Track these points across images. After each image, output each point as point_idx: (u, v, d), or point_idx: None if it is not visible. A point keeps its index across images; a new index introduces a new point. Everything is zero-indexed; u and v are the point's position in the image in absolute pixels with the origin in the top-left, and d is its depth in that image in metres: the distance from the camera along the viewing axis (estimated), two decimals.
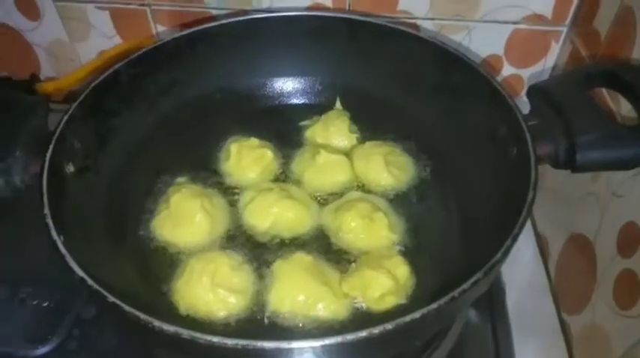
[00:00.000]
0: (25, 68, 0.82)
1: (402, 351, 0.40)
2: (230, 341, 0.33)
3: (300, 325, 0.46)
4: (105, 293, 0.36)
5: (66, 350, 0.53)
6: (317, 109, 0.64)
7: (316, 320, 0.46)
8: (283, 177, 0.59)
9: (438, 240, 0.53)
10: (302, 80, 0.66)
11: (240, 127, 0.62)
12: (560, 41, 0.69)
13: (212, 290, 0.47)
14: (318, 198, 0.57)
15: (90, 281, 0.37)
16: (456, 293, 0.35)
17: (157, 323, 0.34)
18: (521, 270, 0.67)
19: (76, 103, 0.51)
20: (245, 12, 0.68)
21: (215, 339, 0.33)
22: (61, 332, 0.54)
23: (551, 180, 0.70)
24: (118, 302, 0.35)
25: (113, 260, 0.49)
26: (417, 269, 0.50)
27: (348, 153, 0.59)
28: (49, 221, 0.41)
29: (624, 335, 0.53)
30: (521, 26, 0.68)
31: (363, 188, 0.58)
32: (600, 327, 0.57)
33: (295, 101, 0.66)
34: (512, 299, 0.63)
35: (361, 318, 0.46)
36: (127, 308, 0.35)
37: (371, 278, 0.47)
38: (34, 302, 0.57)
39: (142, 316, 0.34)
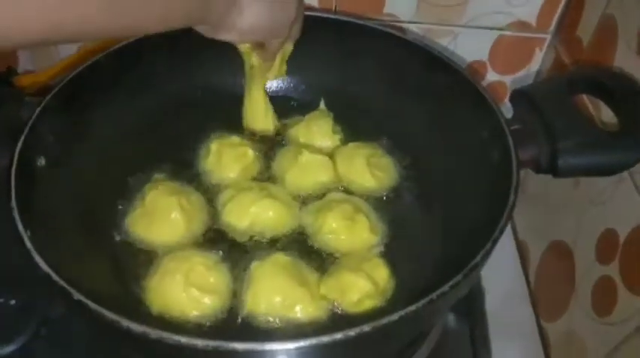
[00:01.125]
0: (1, 61, 0.80)
1: (378, 355, 0.40)
2: (200, 342, 0.32)
3: (277, 327, 0.45)
4: (70, 289, 0.34)
5: (32, 350, 0.51)
6: (300, 109, 0.63)
7: (293, 322, 0.45)
8: (264, 177, 0.58)
9: (418, 242, 0.52)
10: (286, 79, 0.65)
11: (221, 125, 0.61)
12: (544, 48, 0.70)
13: (186, 289, 0.45)
14: (299, 198, 0.56)
15: (55, 277, 0.35)
16: (434, 295, 0.35)
17: (124, 322, 0.33)
18: (501, 276, 0.67)
19: (51, 94, 0.50)
20: None
21: (184, 340, 0.32)
22: (27, 332, 0.52)
23: (532, 186, 0.70)
24: (84, 299, 0.34)
25: (84, 257, 0.47)
26: (397, 271, 0.49)
27: (330, 154, 0.59)
28: (16, 214, 0.39)
29: (602, 341, 0.53)
30: (506, 33, 0.69)
31: (344, 189, 0.57)
32: (578, 334, 0.57)
33: (279, 100, 0.65)
34: (491, 305, 0.63)
35: (339, 321, 0.45)
36: (92, 305, 0.33)
37: (349, 281, 0.46)
38: (0, 300, 0.55)
39: (108, 315, 0.33)
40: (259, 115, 0.60)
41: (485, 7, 0.66)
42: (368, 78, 0.62)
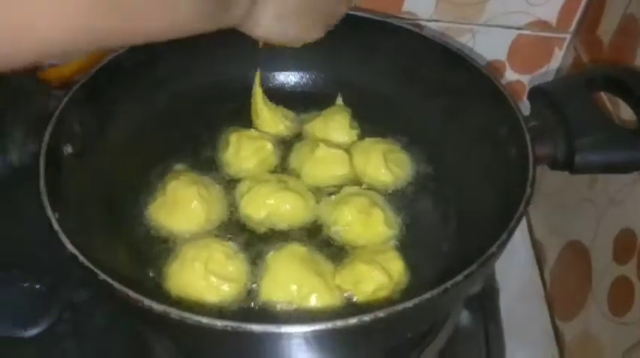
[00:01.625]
0: None
1: (391, 344, 0.40)
2: (220, 323, 0.33)
3: (292, 315, 0.46)
4: (96, 270, 0.36)
5: (56, 333, 0.53)
6: (318, 104, 0.64)
7: (308, 310, 0.46)
8: (281, 169, 0.59)
9: (434, 237, 0.52)
10: (304, 74, 0.66)
11: (240, 118, 0.62)
12: (564, 48, 0.70)
13: (205, 276, 0.46)
14: (316, 191, 0.56)
15: (81, 258, 0.36)
16: (449, 284, 0.35)
17: (146, 301, 0.34)
18: (516, 276, 0.67)
19: (77, 85, 0.51)
20: None
21: (204, 320, 0.33)
22: (51, 315, 0.54)
23: (548, 186, 0.70)
24: (109, 279, 0.35)
25: (107, 243, 0.49)
26: (412, 265, 0.49)
27: (347, 149, 0.59)
28: (45, 198, 0.41)
29: (618, 341, 0.53)
30: (525, 32, 0.69)
31: (361, 183, 0.57)
32: (594, 334, 0.57)
33: (296, 95, 0.66)
34: (506, 304, 0.63)
35: (353, 311, 0.46)
36: (117, 285, 0.35)
37: (364, 272, 0.47)
38: (25, 285, 0.56)
39: (132, 294, 0.34)
40: (265, 120, 0.61)
41: (504, 6, 0.66)
42: (386, 73, 0.62)
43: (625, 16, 0.58)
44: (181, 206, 0.52)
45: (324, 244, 0.52)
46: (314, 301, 0.46)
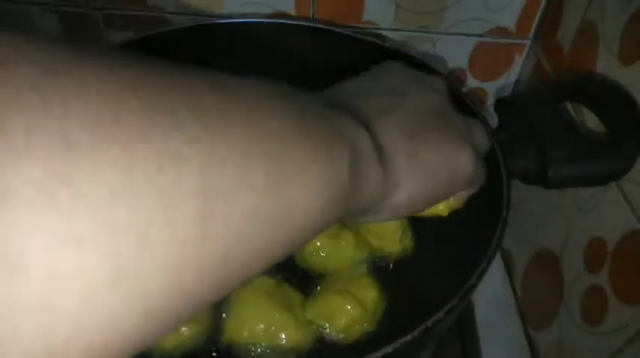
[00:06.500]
0: None
1: None
2: None
3: (260, 356, 0.42)
4: None
5: None
6: None
7: (278, 350, 0.42)
8: None
9: (407, 259, 0.50)
10: None
11: None
12: (524, 54, 0.69)
13: None
14: None
15: None
16: (429, 323, 0.33)
17: None
18: (487, 286, 0.66)
19: None
20: (204, 18, 0.65)
21: None
22: None
23: (516, 194, 0.69)
24: None
25: None
26: (386, 290, 0.47)
27: None
28: None
29: (593, 351, 0.52)
30: (486, 39, 0.68)
31: None
32: (568, 344, 0.56)
33: None
34: (478, 315, 0.62)
35: (328, 348, 0.43)
36: None
37: (337, 305, 0.44)
38: None
39: None
40: None
41: (464, 14, 0.65)
42: None
43: (584, 21, 0.57)
44: None
45: (294, 272, 0.49)
46: (284, 339, 0.42)
